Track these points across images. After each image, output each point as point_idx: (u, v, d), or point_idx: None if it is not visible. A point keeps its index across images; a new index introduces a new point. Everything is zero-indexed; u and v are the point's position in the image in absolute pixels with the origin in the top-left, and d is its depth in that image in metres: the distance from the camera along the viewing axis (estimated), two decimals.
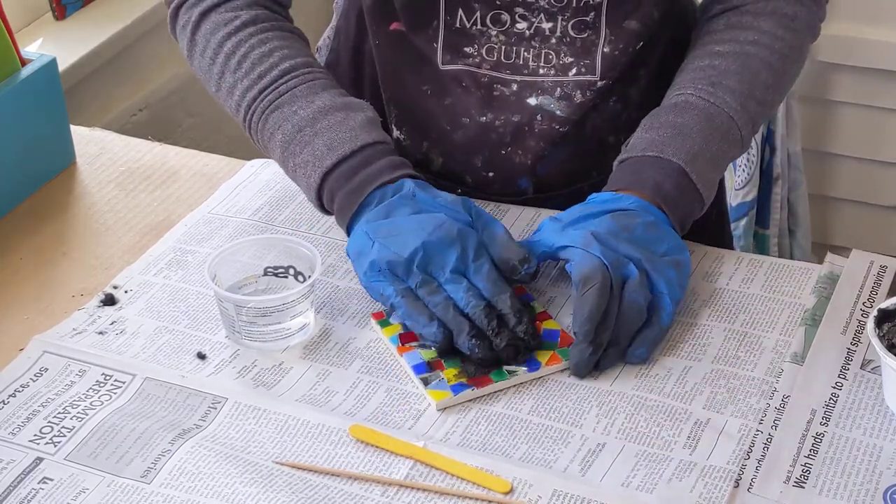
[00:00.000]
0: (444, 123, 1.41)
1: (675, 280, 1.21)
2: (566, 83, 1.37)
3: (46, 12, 2.10)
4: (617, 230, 1.22)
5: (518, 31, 1.35)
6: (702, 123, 1.29)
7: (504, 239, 1.24)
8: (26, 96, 1.42)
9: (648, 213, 1.24)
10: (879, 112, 2.49)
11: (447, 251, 1.21)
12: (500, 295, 1.19)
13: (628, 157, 1.29)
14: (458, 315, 1.18)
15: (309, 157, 1.29)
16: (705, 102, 1.30)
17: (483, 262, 1.21)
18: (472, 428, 1.13)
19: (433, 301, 1.19)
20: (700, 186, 1.27)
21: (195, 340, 1.23)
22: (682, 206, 1.27)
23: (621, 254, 1.20)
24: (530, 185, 1.42)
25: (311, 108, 1.31)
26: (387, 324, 1.22)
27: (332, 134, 1.29)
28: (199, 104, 2.28)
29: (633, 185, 1.27)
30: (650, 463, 1.09)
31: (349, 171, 1.27)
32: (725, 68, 1.32)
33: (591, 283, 1.17)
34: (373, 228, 1.23)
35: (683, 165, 1.27)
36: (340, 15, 1.50)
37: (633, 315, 1.18)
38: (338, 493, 1.07)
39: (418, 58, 1.39)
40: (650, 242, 1.22)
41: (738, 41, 1.34)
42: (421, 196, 1.26)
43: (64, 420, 1.14)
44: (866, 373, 1.16)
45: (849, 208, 2.63)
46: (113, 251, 1.37)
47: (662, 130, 1.29)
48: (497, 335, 1.17)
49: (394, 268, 1.21)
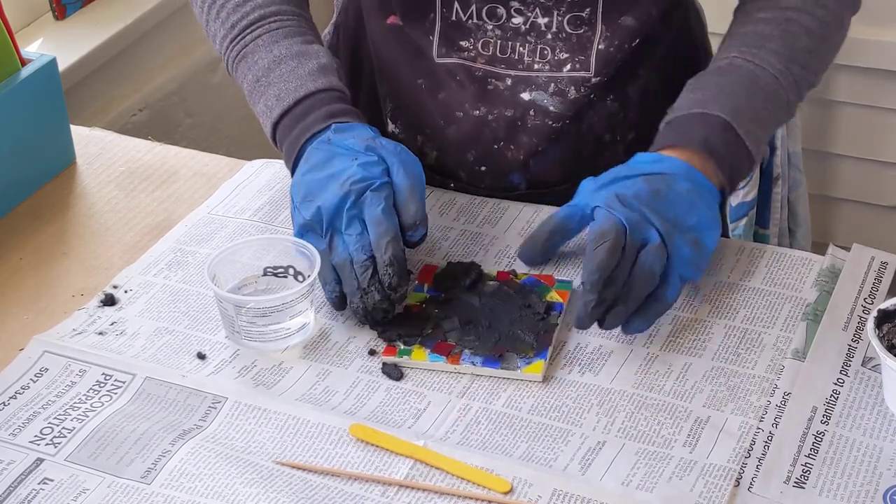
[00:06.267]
0: (438, 118, 1.42)
1: (689, 259, 1.20)
2: (560, 79, 1.37)
3: (46, 12, 2.10)
4: (647, 194, 1.21)
5: (514, 25, 1.36)
6: (746, 83, 1.29)
7: (402, 196, 1.23)
8: (26, 96, 1.42)
9: (686, 180, 1.23)
10: (879, 112, 2.49)
11: (343, 202, 1.22)
12: (380, 239, 1.19)
13: (673, 118, 1.29)
14: (350, 272, 1.20)
15: (263, 108, 1.33)
16: (749, 63, 1.30)
17: (373, 203, 1.21)
18: (473, 427, 1.13)
19: (335, 260, 1.21)
20: (748, 142, 1.27)
21: (195, 340, 1.23)
22: (730, 160, 1.26)
23: (645, 218, 1.20)
24: (523, 181, 1.42)
25: (268, 57, 1.34)
26: (407, 353, 1.19)
27: (282, 84, 1.32)
28: (199, 104, 2.28)
29: (679, 142, 1.26)
30: (650, 461, 1.09)
31: (291, 122, 1.31)
32: (768, 33, 1.32)
33: (604, 239, 1.17)
34: (294, 190, 1.26)
35: (729, 119, 1.26)
36: (340, 11, 1.51)
37: (645, 278, 1.18)
38: (338, 493, 1.07)
39: (414, 51, 1.40)
40: (679, 212, 1.21)
41: (780, 7, 1.33)
42: (336, 140, 1.26)
43: (64, 421, 1.14)
44: (867, 370, 1.16)
45: (849, 208, 2.63)
46: (113, 251, 1.37)
47: (707, 90, 1.29)
48: (367, 293, 1.19)
49: (311, 230, 1.23)
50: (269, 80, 1.33)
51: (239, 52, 1.37)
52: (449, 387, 1.17)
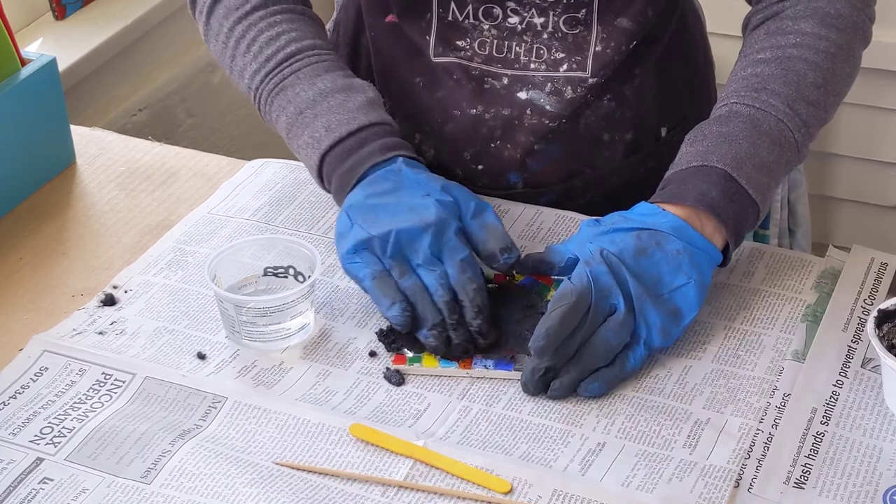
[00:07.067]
0: (436, 116, 1.42)
1: (659, 326, 1.16)
2: (557, 79, 1.37)
3: (46, 12, 2.10)
4: (632, 253, 1.17)
5: (510, 25, 1.36)
6: (747, 129, 1.24)
7: (489, 224, 1.22)
8: (26, 96, 1.42)
9: (678, 240, 1.19)
10: (879, 112, 2.49)
11: (422, 235, 1.20)
12: (466, 285, 1.18)
13: (673, 173, 1.25)
14: (429, 303, 1.18)
15: (309, 140, 1.30)
16: (750, 108, 1.26)
17: (458, 248, 1.20)
18: (473, 427, 1.13)
19: (404, 284, 1.19)
20: (752, 191, 1.22)
21: (195, 340, 1.23)
22: (734, 213, 1.21)
23: (620, 280, 1.16)
24: (520, 180, 1.42)
25: (312, 90, 1.32)
26: (417, 360, 1.19)
27: (331, 116, 1.30)
28: (199, 104, 2.28)
29: (676, 198, 1.21)
30: (650, 462, 1.09)
31: (344, 152, 1.28)
32: (769, 74, 1.27)
33: (561, 302, 1.14)
34: (354, 210, 1.24)
35: (729, 171, 1.21)
36: (340, 8, 1.51)
37: (598, 351, 1.15)
38: (338, 494, 1.07)
39: (411, 50, 1.40)
40: (662, 274, 1.18)
41: (780, 46, 1.29)
42: (407, 172, 1.25)
43: (64, 421, 1.14)
44: (867, 371, 1.16)
45: (849, 208, 2.63)
46: (113, 251, 1.37)
47: (707, 141, 1.24)
48: (455, 329, 1.17)
49: (370, 248, 1.21)
50: (315, 112, 1.30)
51: (277, 84, 1.34)
52: (449, 388, 1.17)
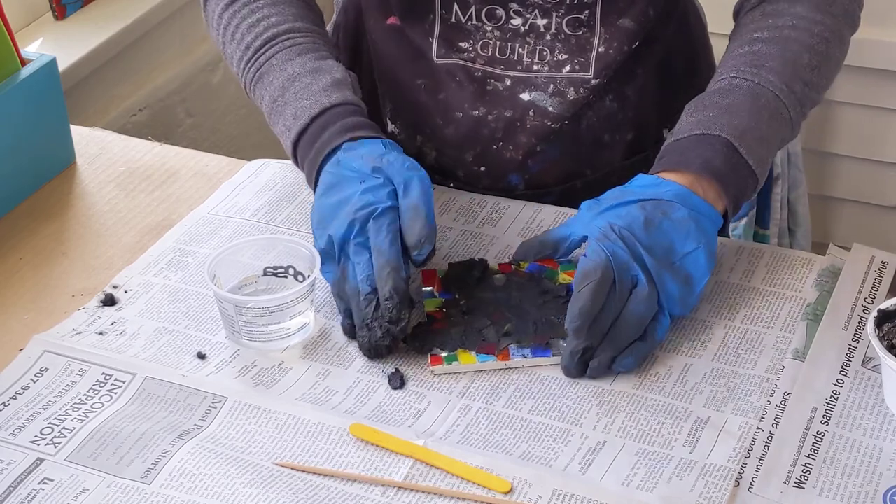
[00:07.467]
0: (438, 118, 1.41)
1: (677, 297, 1.18)
2: (559, 80, 1.37)
3: (46, 12, 2.10)
4: (641, 224, 1.19)
5: (513, 26, 1.36)
6: (748, 102, 1.27)
7: (413, 206, 1.21)
8: (26, 96, 1.42)
9: (684, 206, 1.20)
10: (879, 112, 2.49)
11: (350, 230, 1.21)
12: (380, 272, 1.18)
13: (674, 140, 1.26)
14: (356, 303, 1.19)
15: (283, 129, 1.32)
16: (749, 83, 1.28)
17: (377, 233, 1.20)
18: (473, 427, 1.13)
19: (347, 288, 1.21)
20: (752, 162, 1.24)
21: (195, 340, 1.23)
22: (735, 182, 1.24)
23: (635, 254, 1.17)
24: (521, 182, 1.42)
25: (282, 76, 1.33)
26: (454, 358, 1.19)
27: (298, 102, 1.31)
28: (199, 104, 2.28)
29: (680, 165, 1.23)
30: (650, 461, 1.09)
31: (309, 140, 1.29)
32: (766, 52, 1.30)
33: (588, 280, 1.16)
34: (313, 218, 1.25)
35: (732, 140, 1.24)
36: (340, 10, 1.51)
37: (632, 325, 1.16)
38: (338, 494, 1.07)
39: (413, 52, 1.40)
40: (673, 242, 1.19)
41: (777, 27, 1.31)
42: (344, 161, 1.25)
43: (64, 421, 1.14)
44: (867, 370, 1.16)
45: (849, 208, 2.63)
46: (113, 251, 1.37)
47: (708, 111, 1.26)
48: (370, 327, 1.18)
49: (330, 257, 1.22)
50: (285, 100, 1.31)
51: (255, 73, 1.35)
52: (449, 387, 1.17)
